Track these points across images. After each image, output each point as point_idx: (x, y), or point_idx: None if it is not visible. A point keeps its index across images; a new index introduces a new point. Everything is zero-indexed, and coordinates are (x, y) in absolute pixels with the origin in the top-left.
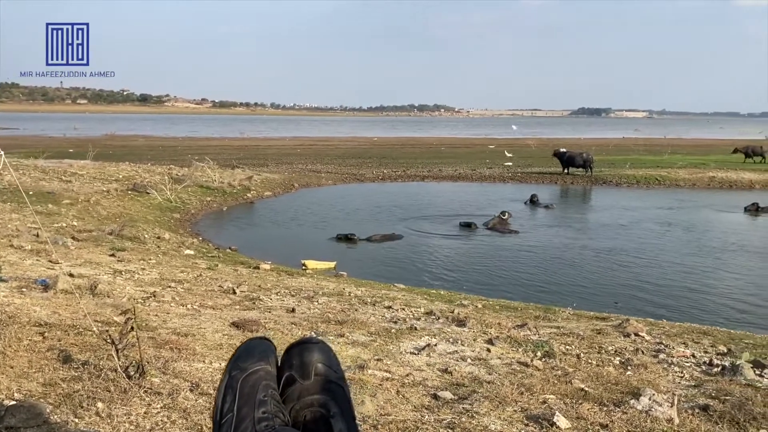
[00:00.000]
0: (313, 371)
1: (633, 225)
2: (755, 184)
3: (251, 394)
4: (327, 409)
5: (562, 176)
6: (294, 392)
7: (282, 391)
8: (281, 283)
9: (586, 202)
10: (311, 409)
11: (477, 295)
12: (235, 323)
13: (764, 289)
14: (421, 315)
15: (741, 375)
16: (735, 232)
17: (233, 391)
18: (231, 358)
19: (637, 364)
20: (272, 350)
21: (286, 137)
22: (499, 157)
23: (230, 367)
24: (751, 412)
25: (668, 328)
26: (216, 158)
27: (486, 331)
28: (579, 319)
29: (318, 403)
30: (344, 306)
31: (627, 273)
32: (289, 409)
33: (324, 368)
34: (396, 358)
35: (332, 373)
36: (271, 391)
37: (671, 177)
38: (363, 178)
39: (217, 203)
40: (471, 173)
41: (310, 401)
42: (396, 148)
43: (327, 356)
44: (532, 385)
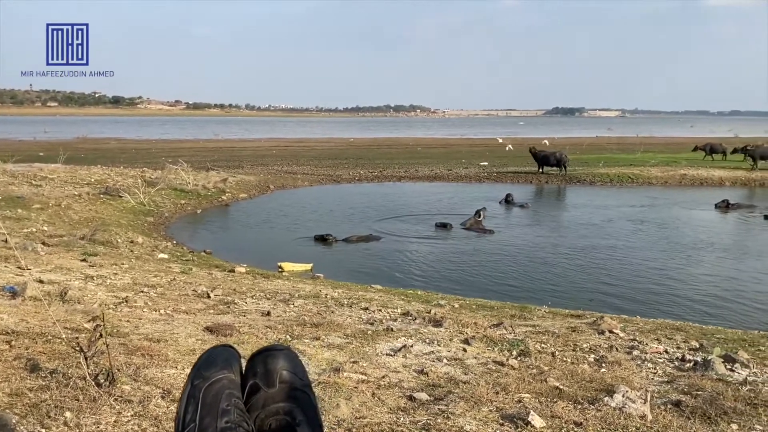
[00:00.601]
0: (278, 379)
1: (606, 223)
2: (725, 181)
3: (214, 403)
4: (293, 416)
5: (537, 175)
6: (258, 400)
7: (246, 400)
8: (257, 286)
9: (560, 201)
10: (276, 417)
11: (454, 295)
12: (209, 328)
13: (735, 284)
14: (397, 316)
15: (712, 370)
16: (706, 229)
17: (195, 400)
18: (193, 366)
19: (612, 361)
20: (236, 358)
21: (261, 138)
22: (475, 156)
23: (192, 376)
24: (722, 406)
25: (642, 325)
26: (190, 160)
27: (462, 331)
28: (554, 317)
29: (283, 411)
30: (320, 308)
31: (601, 271)
32: (254, 417)
33: (289, 375)
34: (372, 360)
35: (298, 381)
36: (234, 399)
37: (644, 175)
38: (339, 179)
39: (191, 206)
40: (447, 173)
41: (275, 409)
42: (372, 148)
43: (292, 363)
44: (507, 385)
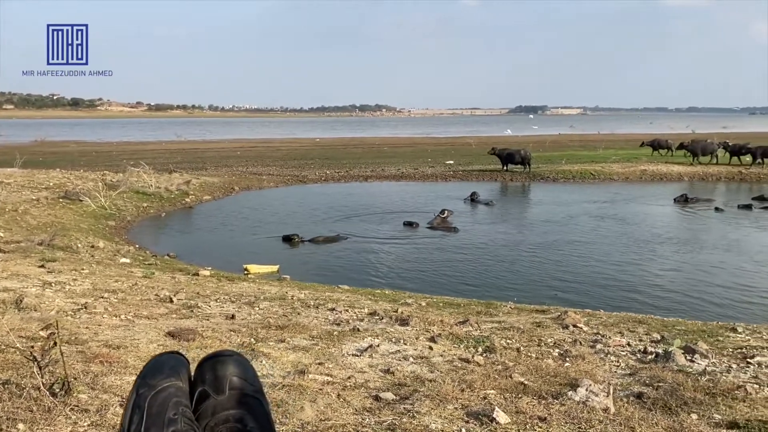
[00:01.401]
0: (227, 385)
1: (570, 219)
2: (684, 176)
3: (160, 412)
4: (243, 423)
5: (501, 173)
6: (208, 408)
7: (195, 408)
8: (221, 289)
9: (524, 198)
10: (227, 425)
11: (421, 294)
12: (171, 333)
13: (694, 276)
14: (364, 316)
15: (673, 361)
16: (665, 223)
17: (140, 410)
18: (139, 375)
19: (575, 355)
20: (184, 365)
21: (225, 139)
22: (441, 155)
23: (138, 385)
24: (682, 397)
25: (605, 318)
26: (152, 163)
27: (429, 329)
28: (520, 313)
29: (234, 418)
30: (286, 310)
31: (565, 266)
32: (204, 426)
33: (239, 381)
34: (338, 361)
35: (248, 386)
36: (182, 408)
37: (605, 171)
38: (306, 179)
39: (154, 209)
40: (413, 172)
41: (225, 417)
42: (339, 148)
43: (242, 369)
44: (472, 381)
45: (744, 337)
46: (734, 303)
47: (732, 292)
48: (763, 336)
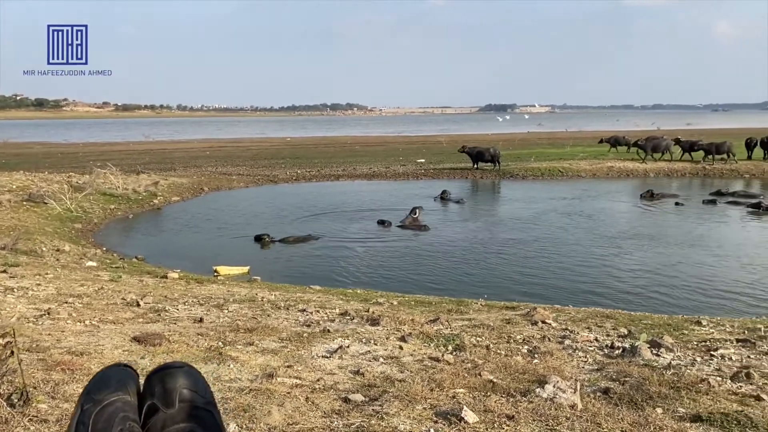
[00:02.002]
0: (177, 398)
1: (539, 216)
2: (650, 173)
3: (106, 428)
4: None
5: (472, 171)
6: (157, 422)
7: (144, 423)
8: (190, 292)
9: (495, 195)
10: None
11: (393, 292)
12: (137, 338)
13: (660, 271)
14: (335, 316)
15: (639, 356)
16: (632, 219)
17: (85, 427)
18: (83, 390)
19: (544, 351)
20: (132, 378)
21: (194, 139)
22: (412, 154)
23: (82, 401)
24: (647, 392)
25: (574, 314)
26: (119, 164)
27: (399, 329)
28: (490, 310)
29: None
30: (256, 312)
31: (535, 262)
32: None
33: (190, 394)
34: (307, 363)
35: (199, 399)
36: (129, 423)
37: (573, 168)
38: (276, 179)
39: (121, 211)
40: (385, 171)
41: (175, 430)
42: (310, 147)
43: (193, 380)
44: (442, 381)
45: (708, 330)
46: (699, 296)
47: (697, 286)
48: (726, 329)
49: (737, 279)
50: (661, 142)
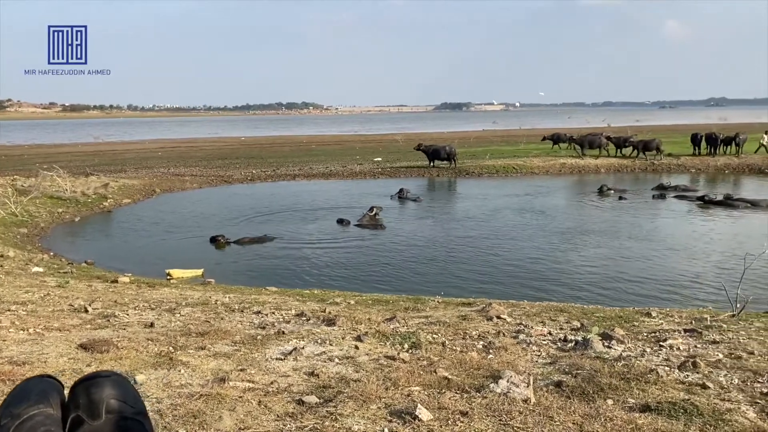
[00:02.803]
0: (104, 409)
1: (494, 213)
2: (600, 169)
3: None
4: None
5: (428, 169)
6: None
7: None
8: (141, 296)
9: (451, 193)
10: None
11: (351, 292)
12: (84, 345)
13: (612, 264)
14: (291, 318)
15: (591, 348)
16: (585, 214)
17: None
18: (2, 403)
19: (499, 346)
20: (56, 389)
21: (145, 140)
22: (369, 152)
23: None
24: (599, 383)
25: (528, 308)
26: (67, 166)
27: (355, 328)
28: (446, 307)
29: None
30: (209, 315)
31: (491, 259)
32: None
33: (118, 404)
34: (261, 366)
35: (128, 409)
36: None
37: (527, 165)
38: (231, 179)
39: (69, 214)
40: (342, 170)
41: None
42: (265, 147)
43: (121, 390)
44: (397, 379)
45: (657, 321)
46: (649, 289)
47: (647, 279)
48: (674, 319)
49: (685, 271)
50: (595, 139)
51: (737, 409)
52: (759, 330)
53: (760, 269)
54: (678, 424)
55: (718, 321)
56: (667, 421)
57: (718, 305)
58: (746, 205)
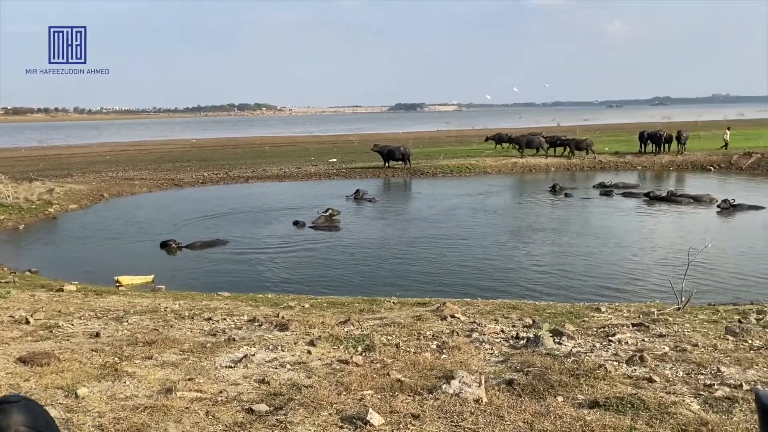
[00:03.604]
0: None
1: (448, 213)
2: (551, 167)
3: None
4: None
5: (383, 170)
6: None
7: None
8: (87, 305)
9: (406, 193)
10: None
11: (306, 295)
12: (23, 359)
13: (563, 261)
14: (243, 323)
15: (542, 345)
16: (537, 212)
17: None
18: None
19: (452, 346)
20: None
21: (93, 144)
22: (324, 153)
23: None
24: (549, 381)
25: (482, 306)
26: (9, 171)
27: (309, 332)
28: (402, 308)
29: None
30: (158, 323)
31: (446, 258)
32: None
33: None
34: (209, 375)
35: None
36: None
37: (480, 165)
38: (182, 182)
39: (12, 221)
40: (296, 171)
41: None
42: (217, 149)
43: (31, 416)
44: (350, 383)
45: (607, 316)
46: (599, 284)
47: (597, 274)
48: (623, 314)
49: (634, 266)
50: (533, 139)
51: (682, 402)
52: (703, 322)
53: (704, 262)
54: (625, 419)
55: (664, 314)
56: (615, 417)
57: (665, 299)
58: (689, 200)
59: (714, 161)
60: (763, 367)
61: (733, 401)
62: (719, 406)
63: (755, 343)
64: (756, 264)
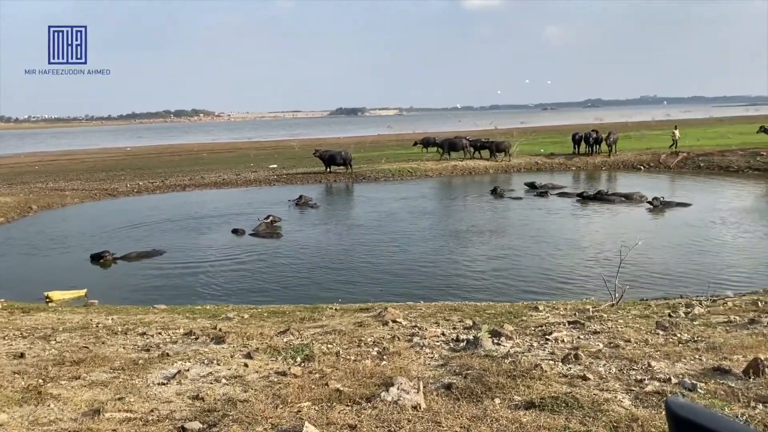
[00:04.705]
0: None
1: (391, 216)
2: (489, 170)
3: None
4: None
5: (325, 175)
6: None
7: None
8: (12, 324)
9: (348, 198)
10: None
11: (246, 305)
12: None
13: (503, 261)
14: (179, 337)
15: (481, 347)
16: (476, 214)
17: None
18: None
19: (393, 352)
20: None
21: (20, 153)
22: (264, 159)
23: None
24: (487, 383)
25: (424, 309)
26: None
27: (246, 344)
28: (344, 314)
29: None
30: (89, 341)
31: (390, 262)
32: None
33: None
34: (141, 393)
35: None
36: None
37: (421, 168)
38: (116, 192)
39: None
40: (236, 178)
41: None
42: (153, 157)
43: None
44: (287, 396)
45: (544, 314)
46: (538, 283)
47: (536, 273)
48: (560, 312)
49: (571, 264)
50: (457, 142)
51: (614, 399)
52: (635, 318)
53: (636, 259)
54: (560, 418)
55: (599, 311)
56: (549, 417)
57: (600, 296)
58: (621, 199)
59: (644, 161)
60: (690, 360)
61: (662, 395)
62: (649, 400)
63: (683, 336)
64: (685, 259)
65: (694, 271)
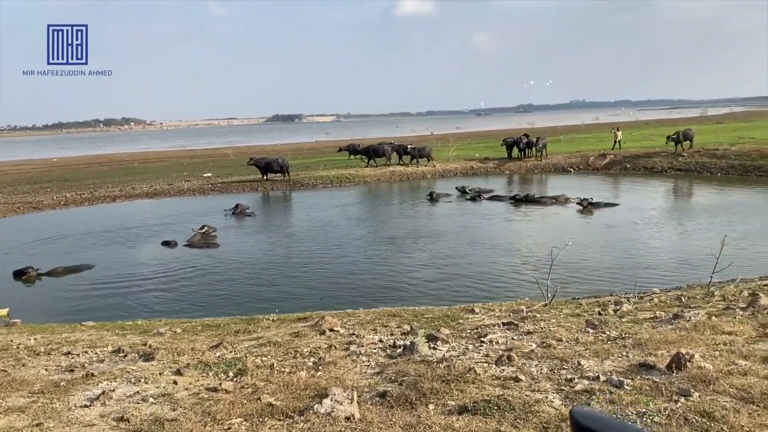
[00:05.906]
0: None
1: (329, 223)
2: (427, 175)
3: None
4: None
5: (262, 183)
6: None
7: None
8: None
9: (286, 206)
10: None
11: (179, 318)
12: None
13: (440, 265)
14: (106, 356)
15: (417, 352)
16: (413, 220)
17: None
18: None
19: (329, 362)
20: None
21: None
22: (198, 168)
23: None
24: (421, 389)
25: (363, 316)
26: None
27: (177, 360)
28: (280, 325)
29: None
30: (7, 363)
31: (328, 270)
32: None
33: None
34: (62, 418)
35: None
36: None
37: (359, 174)
38: (41, 205)
39: None
40: (168, 188)
41: None
42: (81, 168)
43: None
44: (217, 413)
45: (480, 316)
46: (475, 285)
47: (473, 276)
48: (495, 313)
49: (505, 265)
50: (379, 148)
51: (545, 399)
52: (567, 317)
53: (568, 259)
54: (492, 422)
55: (533, 311)
56: (482, 421)
57: (534, 296)
58: (552, 201)
59: (573, 163)
60: (618, 358)
61: (591, 393)
62: (579, 399)
63: (612, 333)
64: (613, 257)
65: (622, 269)
